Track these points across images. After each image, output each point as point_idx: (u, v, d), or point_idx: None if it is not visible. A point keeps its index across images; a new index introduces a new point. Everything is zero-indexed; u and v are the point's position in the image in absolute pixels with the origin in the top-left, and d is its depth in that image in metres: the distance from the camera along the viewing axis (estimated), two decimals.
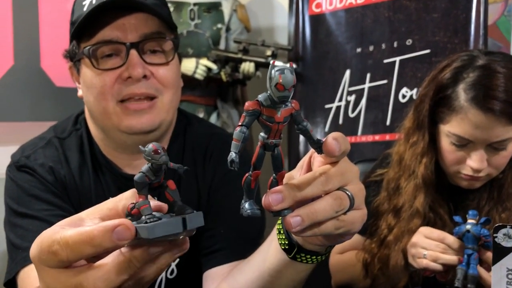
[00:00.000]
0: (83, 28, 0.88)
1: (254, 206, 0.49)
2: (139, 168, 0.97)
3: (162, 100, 0.92)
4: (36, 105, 2.03)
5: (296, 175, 0.57)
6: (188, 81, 2.08)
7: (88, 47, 0.88)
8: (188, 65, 2.04)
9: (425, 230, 0.98)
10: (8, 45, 1.97)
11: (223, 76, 2.10)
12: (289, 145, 2.12)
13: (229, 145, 0.44)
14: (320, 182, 0.48)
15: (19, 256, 0.84)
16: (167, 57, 0.93)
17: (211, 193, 0.96)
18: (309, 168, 0.55)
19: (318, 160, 0.52)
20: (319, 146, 0.49)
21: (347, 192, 0.50)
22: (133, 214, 0.45)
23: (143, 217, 0.44)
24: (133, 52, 0.88)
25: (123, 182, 0.96)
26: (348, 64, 1.99)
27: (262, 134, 0.47)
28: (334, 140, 0.48)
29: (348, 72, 1.99)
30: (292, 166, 2.06)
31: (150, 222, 0.43)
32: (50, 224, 0.87)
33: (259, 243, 0.73)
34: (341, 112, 2.01)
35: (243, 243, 0.88)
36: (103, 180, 0.95)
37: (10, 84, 1.97)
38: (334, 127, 2.00)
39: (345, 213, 0.50)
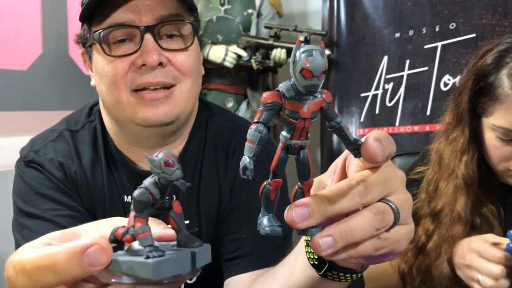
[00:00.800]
0: (94, 10, 0.81)
1: (274, 222, 0.40)
2: None
3: (180, 89, 0.84)
4: (65, 94, 2.01)
5: (327, 181, 0.49)
6: (217, 69, 2.02)
7: (99, 31, 0.81)
8: (217, 53, 1.97)
9: (478, 245, 0.86)
10: (37, 33, 1.95)
11: (254, 63, 2.02)
12: (321, 143, 2.03)
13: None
14: (357, 193, 0.39)
15: None
16: (185, 42, 0.85)
17: (234, 192, 0.89)
18: (344, 174, 0.47)
19: (354, 164, 0.44)
20: (356, 148, 0.41)
21: (391, 204, 0.41)
22: (122, 241, 0.36)
23: (141, 248, 0.35)
24: (148, 37, 0.80)
25: (138, 180, 0.89)
26: (386, 50, 1.88)
27: (284, 133, 0.38)
28: (377, 142, 0.40)
29: (385, 59, 1.87)
30: (324, 170, 1.98)
31: (154, 257, 0.34)
32: (57, 225, 0.81)
33: (286, 251, 0.65)
34: (378, 101, 1.90)
35: (267, 250, 0.81)
36: (117, 177, 0.89)
37: (39, 72, 1.95)
38: (370, 117, 1.90)
39: (388, 230, 0.41)
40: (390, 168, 0.42)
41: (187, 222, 0.89)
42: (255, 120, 0.37)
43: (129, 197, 0.89)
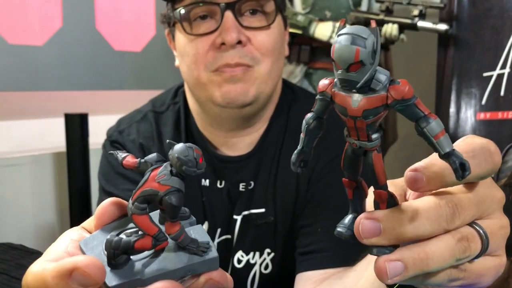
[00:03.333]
0: None
1: (350, 225, 0.34)
2: (236, 147, 0.89)
3: (259, 69, 0.81)
4: (178, 73, 2.09)
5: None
6: (324, 47, 1.93)
7: (179, 9, 0.80)
8: (324, 30, 1.88)
9: None
10: (150, 15, 2.04)
11: None
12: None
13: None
14: (444, 217, 0.32)
15: None
16: (268, 20, 0.81)
17: (312, 183, 0.83)
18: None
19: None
20: (456, 168, 0.29)
21: (479, 229, 0.33)
22: (136, 249, 0.34)
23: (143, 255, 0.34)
24: (228, 14, 0.78)
25: (217, 164, 0.88)
26: None
27: (345, 129, 0.32)
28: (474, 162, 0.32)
29: None
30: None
31: (205, 249, 0.35)
32: None
33: (362, 250, 0.59)
34: (503, 82, 1.67)
35: (343, 248, 0.74)
36: None
37: (153, 53, 2.05)
38: (494, 99, 1.68)
39: (471, 261, 0.34)
40: (487, 188, 0.34)
41: (263, 210, 0.86)
42: (312, 109, 0.32)
43: (207, 180, 0.88)
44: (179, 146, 0.32)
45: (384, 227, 0.31)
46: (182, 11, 0.80)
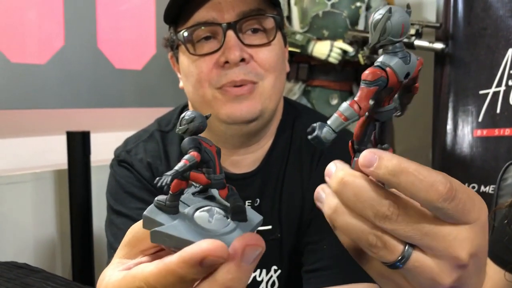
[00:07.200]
0: (178, 12, 0.83)
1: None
2: (241, 165, 0.90)
3: (263, 85, 0.82)
4: (178, 91, 2.10)
5: None
6: (322, 66, 1.97)
7: (183, 31, 0.82)
8: (322, 48, 1.91)
9: None
10: (151, 35, 2.07)
11: (361, 58, 1.93)
12: (433, 144, 1.88)
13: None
14: (375, 211, 0.32)
15: (112, 256, 0.82)
16: (268, 37, 0.83)
17: None
18: None
19: None
20: (309, 130, 0.36)
21: (405, 253, 0.33)
22: None
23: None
24: (230, 34, 0.80)
25: None
26: (510, 42, 1.67)
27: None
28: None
29: (510, 52, 1.67)
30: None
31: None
32: None
33: None
34: (499, 99, 1.71)
35: (348, 265, 0.75)
36: None
37: (153, 71, 2.07)
38: (490, 116, 1.71)
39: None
40: (455, 238, 0.32)
41: (270, 227, 0.87)
42: None
43: None
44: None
45: (379, 163, 0.32)
46: (185, 33, 0.82)
